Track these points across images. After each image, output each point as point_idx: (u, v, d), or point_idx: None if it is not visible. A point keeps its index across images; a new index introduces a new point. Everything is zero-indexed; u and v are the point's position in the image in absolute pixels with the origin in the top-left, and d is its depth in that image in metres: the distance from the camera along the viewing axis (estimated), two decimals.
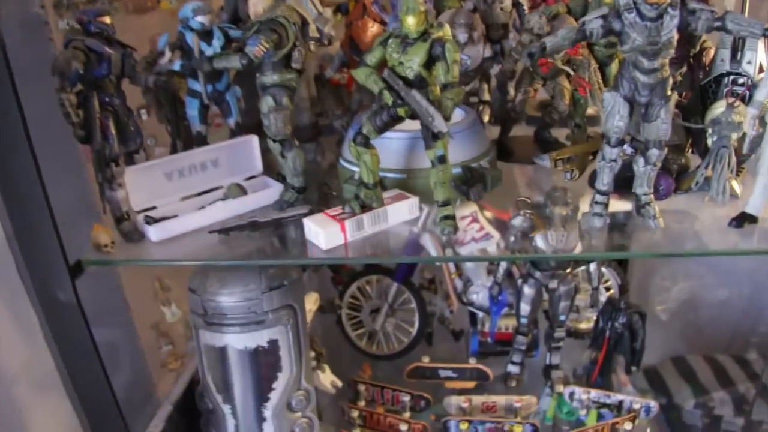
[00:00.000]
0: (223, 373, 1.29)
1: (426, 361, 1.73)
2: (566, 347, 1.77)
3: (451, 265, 1.73)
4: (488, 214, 1.71)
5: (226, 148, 1.25)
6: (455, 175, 1.16)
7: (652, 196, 1.10)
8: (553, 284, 1.56)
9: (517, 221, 1.51)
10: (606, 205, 1.11)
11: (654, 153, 1.06)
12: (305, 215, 1.10)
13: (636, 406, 1.57)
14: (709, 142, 1.11)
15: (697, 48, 1.30)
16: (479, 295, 1.72)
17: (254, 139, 1.25)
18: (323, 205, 1.16)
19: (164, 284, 1.85)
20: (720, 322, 1.92)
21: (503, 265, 1.56)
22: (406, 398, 1.65)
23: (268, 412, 1.31)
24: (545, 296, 1.62)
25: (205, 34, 1.21)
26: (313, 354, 1.53)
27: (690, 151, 1.30)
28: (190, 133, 1.34)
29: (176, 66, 1.21)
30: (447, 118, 1.03)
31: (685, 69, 1.33)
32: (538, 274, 1.55)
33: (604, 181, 1.09)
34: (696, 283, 1.95)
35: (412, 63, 1.02)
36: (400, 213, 1.11)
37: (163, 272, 1.84)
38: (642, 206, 1.10)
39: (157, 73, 1.19)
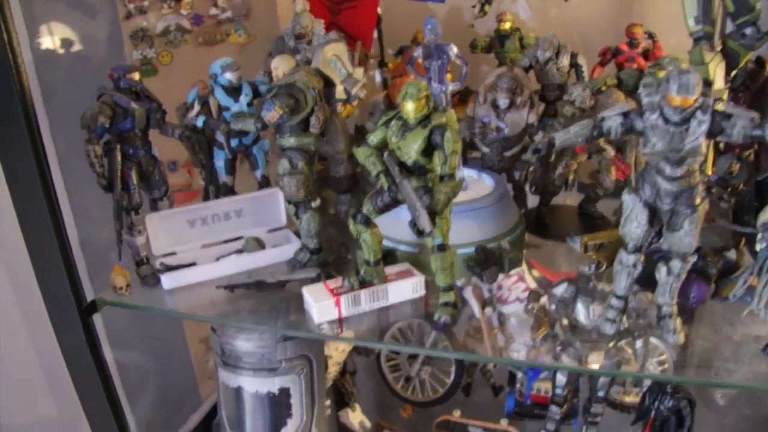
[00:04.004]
0: (237, 412, 1.32)
1: (456, 415, 1.69)
2: (609, 420, 1.69)
3: (495, 319, 1.68)
4: (536, 272, 1.65)
5: (250, 200, 1.27)
6: (469, 256, 1.12)
7: (674, 308, 1.00)
8: (593, 357, 1.48)
9: (559, 290, 1.45)
10: (622, 311, 1.04)
11: (676, 265, 0.96)
12: (311, 281, 1.10)
13: None
14: (758, 247, 0.99)
15: None
16: (520, 354, 1.66)
17: (279, 193, 1.25)
18: (336, 268, 1.15)
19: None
20: None
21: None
22: None
23: None
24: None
25: (234, 90, 1.22)
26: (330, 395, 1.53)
27: (743, 245, 1.18)
28: None
29: (199, 122, 1.24)
30: (437, 213, 0.99)
31: (750, 154, 1.21)
32: (578, 344, 1.48)
33: (622, 285, 1.02)
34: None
35: (410, 150, 0.98)
36: (403, 291, 1.09)
37: None
38: (662, 317, 1.01)
39: (184, 126, 1.21)
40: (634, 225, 0.96)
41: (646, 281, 1.03)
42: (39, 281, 1.06)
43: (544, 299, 1.16)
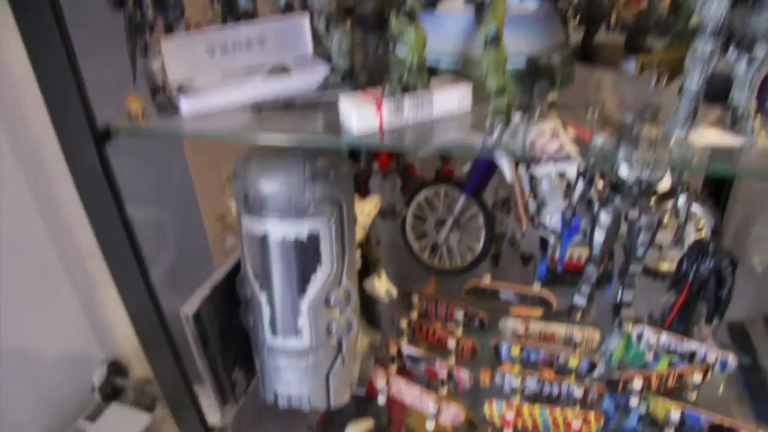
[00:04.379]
0: (262, 262, 1.25)
1: (487, 280, 1.64)
2: (644, 288, 1.63)
3: (526, 185, 1.61)
4: (570, 131, 1.57)
5: (274, 26, 1.16)
6: (517, 70, 1.02)
7: (753, 108, 0.90)
8: (633, 214, 1.41)
9: (599, 140, 1.37)
10: (694, 112, 0.93)
11: (761, 51, 0.83)
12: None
13: (711, 358, 1.43)
14: None
15: None
16: (552, 218, 1.60)
17: (304, 18, 1.15)
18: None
19: (231, 177, 1.83)
20: None
21: (580, 186, 1.42)
22: (460, 314, 1.57)
23: (304, 305, 1.26)
24: (624, 228, 1.48)
25: None
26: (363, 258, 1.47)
27: None
28: None
29: None
30: None
31: None
32: (617, 200, 1.41)
33: (694, 79, 0.90)
34: None
35: None
36: (448, 101, 0.98)
37: (231, 164, 1.82)
38: (738, 118, 0.91)
39: None
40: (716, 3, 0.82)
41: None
42: (50, 108, 0.98)
43: None
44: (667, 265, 1.67)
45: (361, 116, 0.93)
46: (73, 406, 1.59)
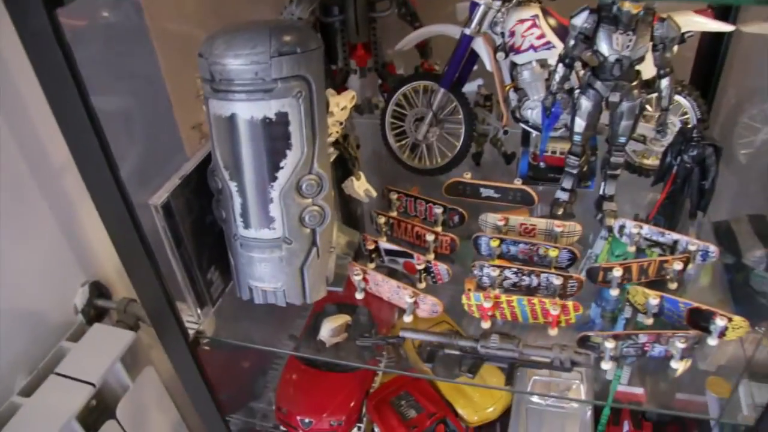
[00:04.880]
0: (231, 146, 1.21)
1: (467, 177, 1.60)
2: (627, 185, 1.60)
3: (506, 75, 1.56)
4: (552, 21, 1.52)
5: None
6: None
7: None
8: (614, 97, 1.36)
9: (579, 20, 1.32)
10: None
11: None
12: None
13: (692, 248, 1.40)
14: None
15: None
16: (534, 111, 1.55)
17: None
18: None
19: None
20: None
21: (559, 71, 1.37)
22: (439, 211, 1.54)
23: (275, 193, 1.22)
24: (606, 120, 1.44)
25: None
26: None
27: None
28: None
29: None
30: None
31: None
32: (598, 84, 1.36)
33: None
34: None
35: None
36: None
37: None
38: None
39: None
40: None
41: None
42: None
43: None
44: (651, 160, 1.63)
45: None
46: (56, 328, 1.57)
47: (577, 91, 1.40)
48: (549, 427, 1.71)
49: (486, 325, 1.35)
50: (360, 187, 1.53)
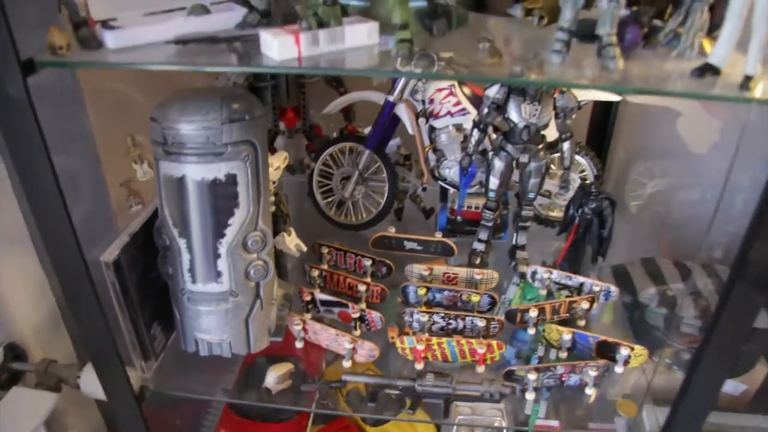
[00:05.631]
0: (181, 206, 1.28)
1: (392, 231, 1.73)
2: (536, 235, 1.77)
3: (426, 138, 1.71)
4: (467, 90, 1.69)
5: None
6: (420, 8, 1.12)
7: (614, 37, 1.04)
8: (524, 158, 1.54)
9: (492, 91, 1.49)
10: (567, 44, 1.05)
11: None
12: None
13: (596, 289, 1.58)
14: None
15: None
16: (451, 170, 1.71)
17: None
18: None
19: (137, 141, 1.82)
20: (692, 225, 1.91)
21: (475, 135, 1.54)
22: (368, 263, 1.65)
23: (223, 249, 1.30)
24: (516, 178, 1.61)
25: None
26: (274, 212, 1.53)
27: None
28: None
29: None
30: None
31: None
32: (509, 146, 1.53)
33: (567, 17, 1.04)
34: (671, 182, 1.93)
35: None
36: (358, 35, 1.06)
37: (136, 128, 1.81)
38: (603, 47, 1.04)
39: None
40: None
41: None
42: None
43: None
44: (556, 213, 1.81)
45: (281, 45, 1.00)
46: None
47: (490, 153, 1.56)
48: None
49: (419, 366, 1.46)
50: (291, 242, 1.62)
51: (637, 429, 1.50)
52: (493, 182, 1.57)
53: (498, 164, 1.55)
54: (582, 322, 1.55)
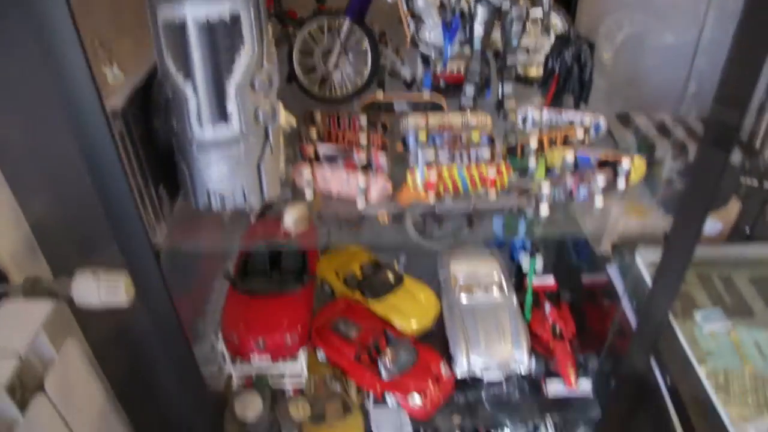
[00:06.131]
0: (184, 50, 1.25)
1: (381, 95, 1.75)
2: (517, 96, 1.82)
3: (404, 5, 1.73)
4: None
5: None
6: None
7: None
8: (505, 5, 1.58)
9: None
10: None
11: None
12: None
13: (586, 122, 1.63)
14: None
15: None
16: (431, 33, 1.74)
17: None
18: None
19: (105, 41, 1.77)
20: (664, 77, 2.01)
21: None
22: (364, 120, 1.66)
23: (231, 88, 1.29)
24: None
25: None
26: None
27: None
28: None
29: None
30: None
31: None
32: None
33: None
34: (641, 29, 2.01)
35: None
36: None
37: (103, 26, 1.75)
38: None
39: None
40: None
41: None
42: None
43: None
44: (535, 71, 1.86)
45: None
46: None
47: (473, 2, 1.60)
48: (483, 321, 1.86)
49: (432, 199, 1.48)
50: (281, 118, 1.62)
51: (632, 272, 1.59)
52: (478, 30, 1.61)
53: (481, 11, 1.59)
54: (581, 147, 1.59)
